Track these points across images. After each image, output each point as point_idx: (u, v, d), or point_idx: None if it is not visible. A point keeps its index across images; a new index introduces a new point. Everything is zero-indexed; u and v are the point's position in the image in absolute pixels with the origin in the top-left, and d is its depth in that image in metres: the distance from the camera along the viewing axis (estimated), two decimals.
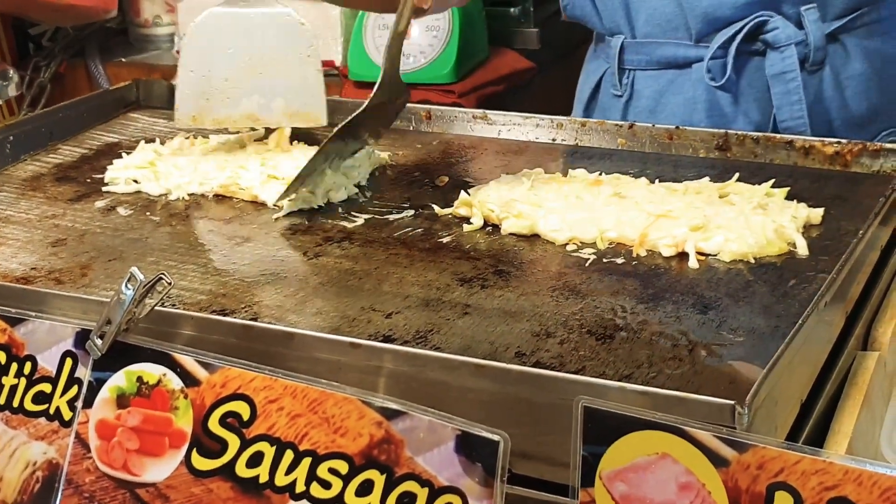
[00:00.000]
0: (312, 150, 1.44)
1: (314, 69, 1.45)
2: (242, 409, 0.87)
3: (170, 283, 0.91)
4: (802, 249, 1.14)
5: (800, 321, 0.93)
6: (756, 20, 1.52)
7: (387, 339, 1.01)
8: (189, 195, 1.36)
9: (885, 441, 1.03)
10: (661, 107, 1.60)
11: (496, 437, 0.79)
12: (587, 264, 1.15)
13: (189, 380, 0.89)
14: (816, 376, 1.00)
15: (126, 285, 0.90)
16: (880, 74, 1.55)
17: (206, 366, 0.89)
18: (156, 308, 0.95)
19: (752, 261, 1.13)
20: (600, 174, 1.31)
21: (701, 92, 1.56)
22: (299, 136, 1.51)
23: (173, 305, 1.09)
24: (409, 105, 1.61)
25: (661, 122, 1.52)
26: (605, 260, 1.16)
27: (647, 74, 1.61)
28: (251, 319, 1.06)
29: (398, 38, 1.32)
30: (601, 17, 1.64)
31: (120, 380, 0.91)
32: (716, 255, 1.14)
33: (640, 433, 0.77)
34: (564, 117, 1.50)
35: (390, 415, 0.83)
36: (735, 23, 1.52)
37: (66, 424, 0.92)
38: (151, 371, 0.90)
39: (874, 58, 1.55)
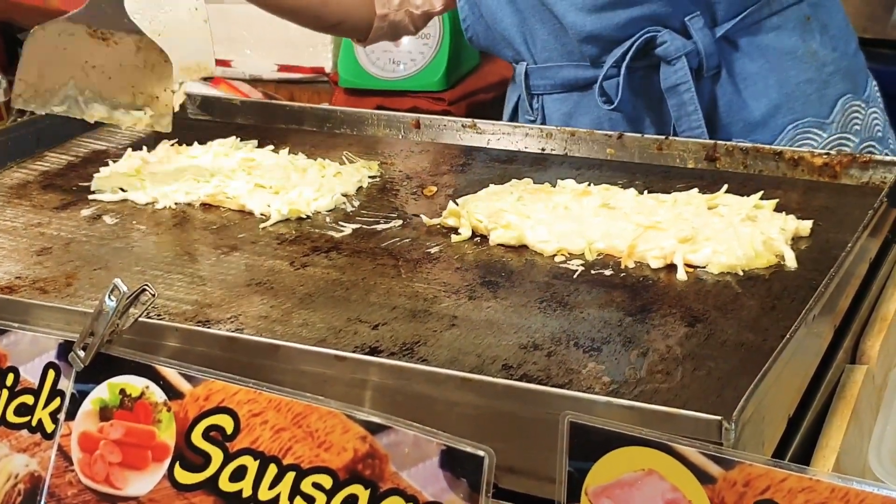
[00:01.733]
0: (300, 159, 1.44)
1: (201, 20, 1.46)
2: (226, 422, 0.86)
3: (153, 295, 0.90)
4: (791, 262, 1.13)
5: (787, 335, 0.92)
6: (644, 37, 1.51)
7: (373, 351, 1.01)
8: (176, 204, 1.35)
9: (873, 455, 1.02)
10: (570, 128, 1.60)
11: (481, 453, 0.78)
12: (575, 276, 1.15)
13: (172, 392, 0.88)
14: (804, 390, 0.99)
15: (109, 297, 0.89)
16: (777, 69, 1.55)
17: (189, 378, 0.88)
18: (140, 319, 0.95)
19: (741, 273, 1.12)
20: (589, 185, 1.30)
21: (605, 112, 1.56)
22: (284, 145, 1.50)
23: (159, 316, 1.08)
24: (398, 114, 1.62)
25: None
26: (593, 271, 1.15)
27: (554, 98, 1.62)
28: (236, 330, 1.05)
29: None
30: (502, 46, 1.64)
31: (103, 392, 0.90)
32: (704, 268, 1.13)
33: (626, 449, 0.77)
34: (554, 127, 1.50)
35: (375, 429, 0.82)
36: (624, 41, 1.52)
37: (49, 437, 0.91)
38: (134, 383, 0.89)
39: (770, 53, 1.55)
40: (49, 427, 0.92)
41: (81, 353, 0.91)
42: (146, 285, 0.91)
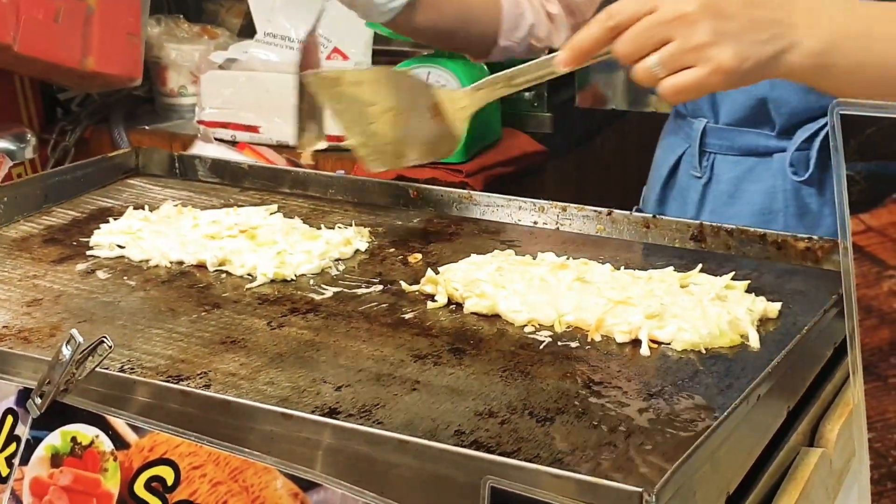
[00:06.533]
0: (296, 223, 1.48)
1: None
2: (167, 473, 0.89)
3: (110, 347, 0.94)
4: (755, 342, 1.14)
5: (725, 413, 0.93)
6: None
7: (332, 412, 1.03)
8: (170, 262, 1.39)
9: None
10: (740, 192, 1.61)
11: None
12: (541, 347, 1.16)
13: (119, 442, 0.91)
14: (749, 468, 1.00)
15: (66, 346, 0.93)
16: None
17: (136, 429, 0.91)
18: (104, 371, 0.98)
19: (704, 351, 1.13)
20: (567, 258, 1.32)
21: (781, 182, 1.57)
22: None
23: (132, 369, 1.11)
24: (398, 183, 1.65)
25: (739, 207, 1.56)
26: (559, 343, 1.17)
27: (728, 159, 1.62)
28: (204, 386, 1.08)
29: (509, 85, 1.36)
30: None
31: (55, 439, 0.93)
32: (669, 344, 1.15)
33: None
34: (547, 201, 1.52)
35: (306, 486, 0.84)
36: (819, 118, 1.53)
37: (3, 480, 0.95)
38: (85, 432, 0.92)
39: None
40: (4, 471, 0.95)
41: (38, 401, 0.94)
42: (104, 337, 0.94)
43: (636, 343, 1.15)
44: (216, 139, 2.43)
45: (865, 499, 0.73)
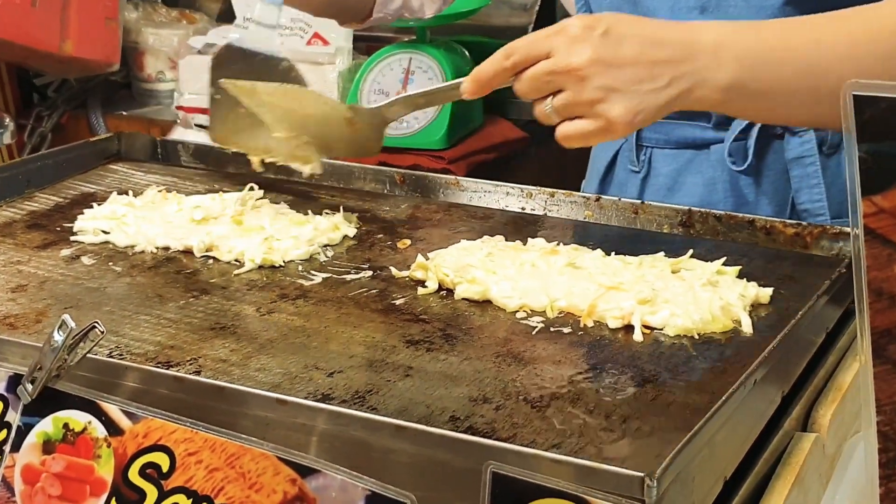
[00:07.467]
0: (283, 208, 1.47)
1: None
2: (162, 460, 0.88)
3: (102, 332, 0.92)
4: (747, 328, 1.14)
5: (723, 398, 0.93)
6: None
7: (325, 398, 1.02)
8: (156, 248, 1.37)
9: None
10: (678, 185, 1.61)
11: (404, 499, 0.79)
12: (534, 332, 1.16)
13: (113, 429, 0.90)
14: (746, 453, 1.00)
15: (57, 332, 0.91)
16: None
17: (129, 415, 0.89)
18: (94, 357, 0.97)
19: (697, 336, 1.13)
20: (558, 244, 1.32)
21: (720, 173, 1.57)
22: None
23: (121, 356, 1.10)
24: (384, 168, 1.64)
25: (679, 200, 1.54)
26: (552, 329, 1.16)
27: (665, 153, 1.62)
28: (194, 373, 1.07)
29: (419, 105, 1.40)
30: None
31: (47, 425, 0.92)
32: (661, 329, 1.14)
33: (545, 500, 0.78)
34: (535, 187, 1.52)
35: (304, 472, 0.83)
36: None
37: None
38: (78, 418, 0.91)
39: None
40: None
41: (29, 387, 0.93)
42: (96, 322, 0.93)
43: (629, 329, 1.15)
44: (196, 125, 2.41)
45: (873, 483, 0.73)
